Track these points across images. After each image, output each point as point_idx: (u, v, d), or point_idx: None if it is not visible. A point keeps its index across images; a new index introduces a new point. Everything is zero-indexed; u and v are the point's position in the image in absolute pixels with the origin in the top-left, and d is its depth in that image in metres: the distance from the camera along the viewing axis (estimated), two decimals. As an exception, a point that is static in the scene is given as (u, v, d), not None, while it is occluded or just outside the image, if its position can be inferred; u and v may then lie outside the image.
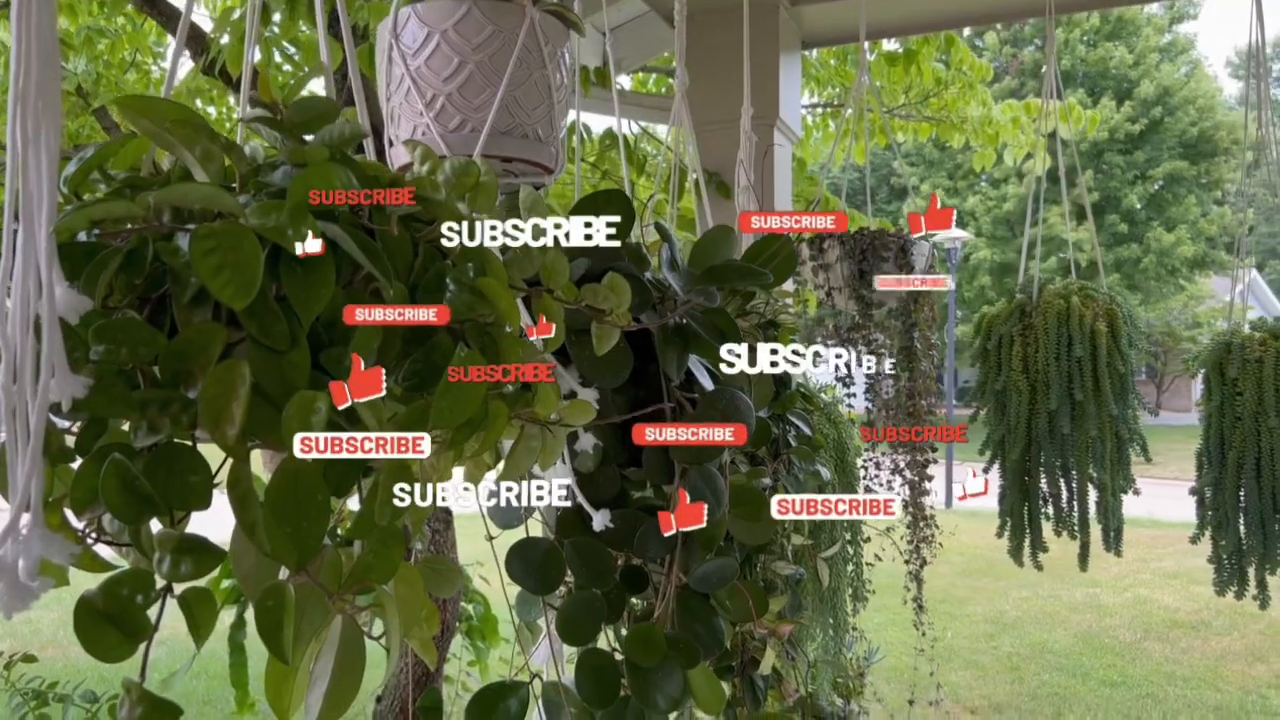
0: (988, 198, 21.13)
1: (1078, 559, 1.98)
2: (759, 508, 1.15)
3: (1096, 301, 1.89)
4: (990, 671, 5.08)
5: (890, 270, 1.91)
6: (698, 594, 1.02)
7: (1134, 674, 5.02)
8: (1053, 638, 5.71)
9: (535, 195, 0.75)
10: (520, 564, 0.92)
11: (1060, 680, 4.95)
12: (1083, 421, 1.83)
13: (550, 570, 0.93)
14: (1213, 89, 20.97)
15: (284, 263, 0.56)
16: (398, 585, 0.61)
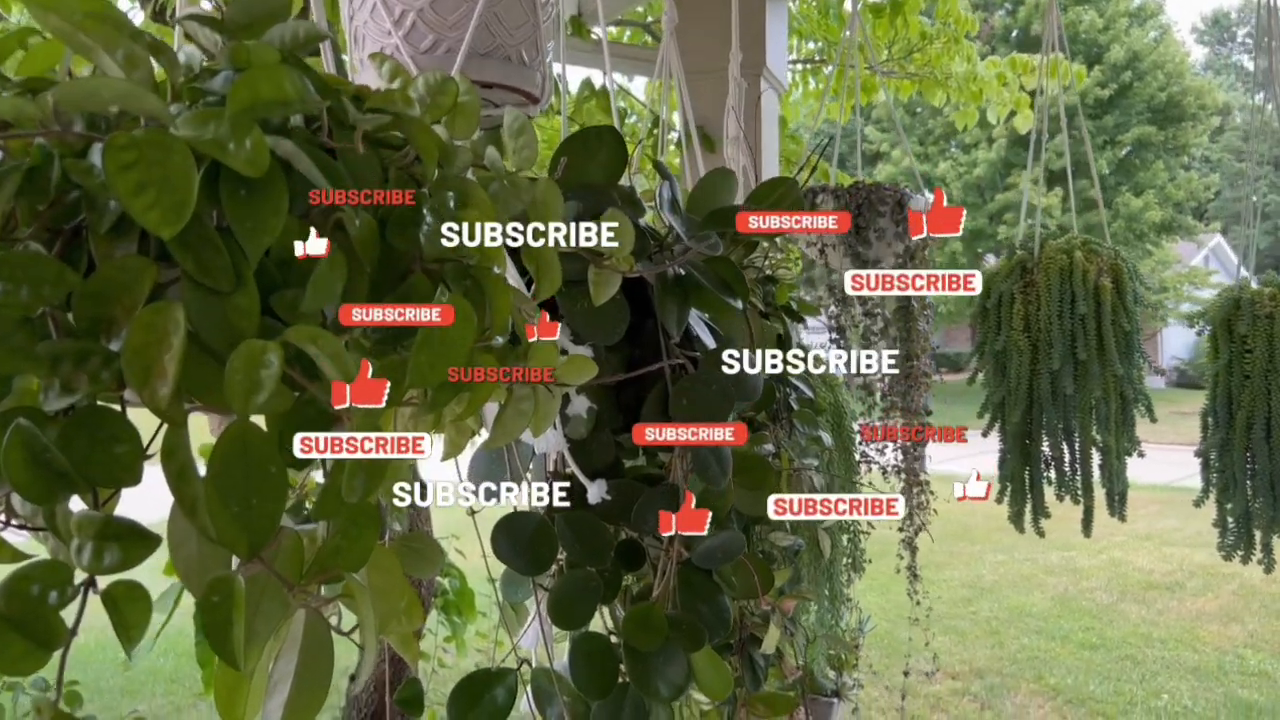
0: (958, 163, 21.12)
1: (1081, 524, 1.92)
2: (762, 476, 1.07)
3: (1100, 256, 1.81)
4: (970, 636, 5.07)
5: (886, 225, 1.82)
6: (701, 571, 0.93)
7: (1112, 636, 5.03)
8: (1030, 601, 5.72)
9: (521, 119, 0.65)
10: (508, 542, 0.83)
11: (1039, 644, 4.94)
12: (1086, 382, 1.76)
13: (542, 548, 0.84)
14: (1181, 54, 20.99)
15: (226, 184, 0.46)
16: (371, 573, 0.51)
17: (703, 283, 0.89)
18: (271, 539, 0.46)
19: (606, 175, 0.94)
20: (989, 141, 20.37)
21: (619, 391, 0.95)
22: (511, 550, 0.83)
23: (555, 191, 0.64)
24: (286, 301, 0.48)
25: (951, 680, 4.38)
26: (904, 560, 1.96)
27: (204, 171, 0.45)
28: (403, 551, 0.93)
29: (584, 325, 0.83)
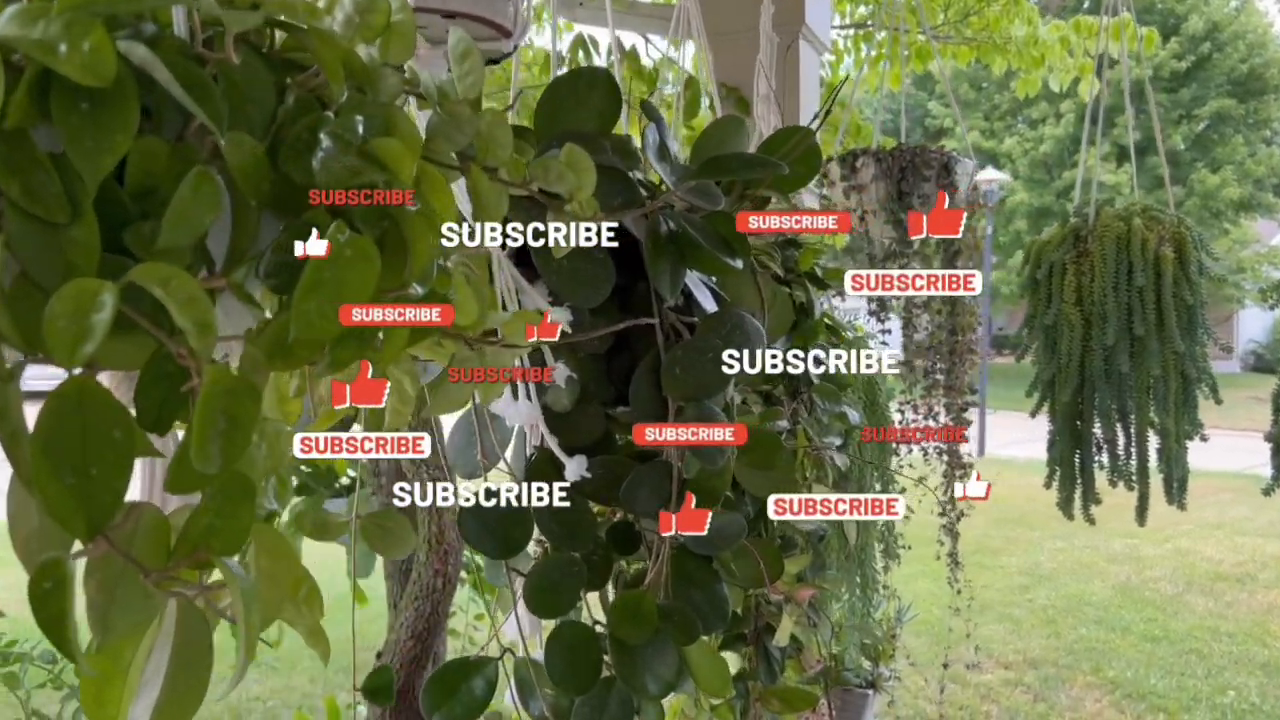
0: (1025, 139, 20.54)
1: (1135, 511, 1.80)
2: (772, 454, 0.98)
3: (1162, 224, 1.68)
4: (1025, 625, 4.92)
5: (931, 191, 1.71)
6: (697, 557, 0.85)
7: (1176, 628, 4.84)
8: (1090, 590, 5.53)
9: (466, 41, 0.57)
10: (475, 522, 0.76)
11: (1098, 634, 4.77)
12: (1143, 359, 1.63)
13: (514, 529, 0.77)
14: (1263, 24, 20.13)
15: (60, 96, 0.39)
16: (260, 557, 0.44)
17: (699, 241, 0.80)
18: (115, 515, 0.39)
19: (599, 123, 0.85)
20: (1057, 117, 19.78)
21: (609, 360, 0.87)
22: (480, 532, 0.76)
23: (503, 126, 0.56)
24: (142, 236, 0.40)
25: (1004, 670, 4.25)
26: (944, 547, 1.86)
27: (33, 80, 0.38)
28: (371, 529, 0.86)
29: (561, 283, 0.76)
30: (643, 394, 0.82)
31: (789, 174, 0.96)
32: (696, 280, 0.89)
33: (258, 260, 0.45)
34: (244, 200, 0.44)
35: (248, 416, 0.40)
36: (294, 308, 0.42)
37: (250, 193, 0.44)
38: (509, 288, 0.76)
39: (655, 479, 0.84)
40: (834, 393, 1.13)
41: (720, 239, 0.82)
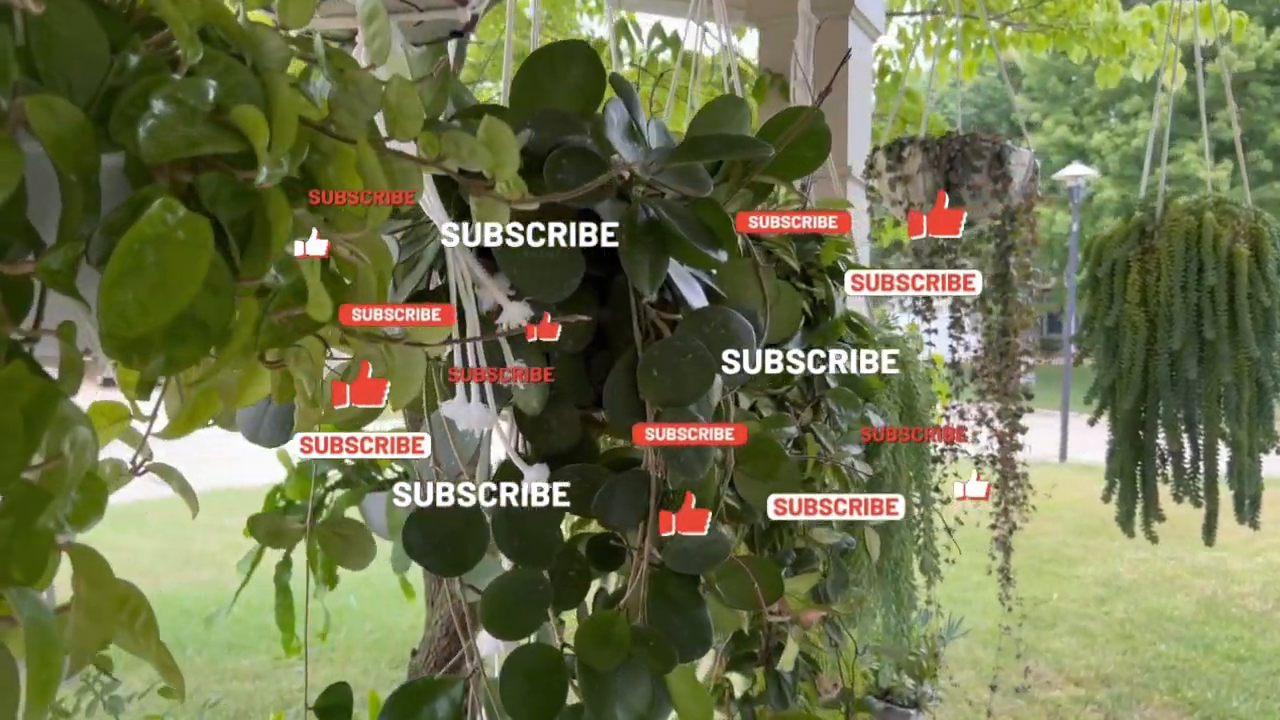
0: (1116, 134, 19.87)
1: (1203, 530, 1.66)
2: (773, 463, 0.90)
3: (1236, 219, 1.54)
4: (1100, 639, 4.71)
5: (983, 182, 1.60)
6: (678, 576, 0.78)
7: (1263, 648, 4.58)
8: (1171, 604, 5.28)
9: (374, 3, 0.50)
10: (420, 534, 0.69)
11: (1178, 651, 4.54)
12: (1213, 365, 1.50)
13: (465, 544, 0.70)
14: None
15: None
16: (76, 583, 0.39)
17: (678, 231, 0.73)
18: None
19: (580, 101, 0.79)
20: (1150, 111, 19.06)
21: (588, 359, 0.80)
22: (425, 545, 0.69)
23: (411, 97, 0.49)
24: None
25: (1074, 687, 4.06)
26: (996, 562, 1.74)
27: None
28: (328, 538, 0.81)
29: (523, 276, 0.69)
30: (617, 397, 0.75)
31: (793, 158, 0.88)
32: (686, 274, 0.81)
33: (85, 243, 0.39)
34: (66, 175, 0.38)
35: (34, 421, 0.35)
36: (102, 298, 0.36)
37: (69, 165, 0.38)
38: (464, 279, 0.69)
39: (631, 490, 0.77)
40: (851, 398, 1.04)
41: (703, 229, 0.74)
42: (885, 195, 1.70)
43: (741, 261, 0.91)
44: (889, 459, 1.34)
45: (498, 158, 0.51)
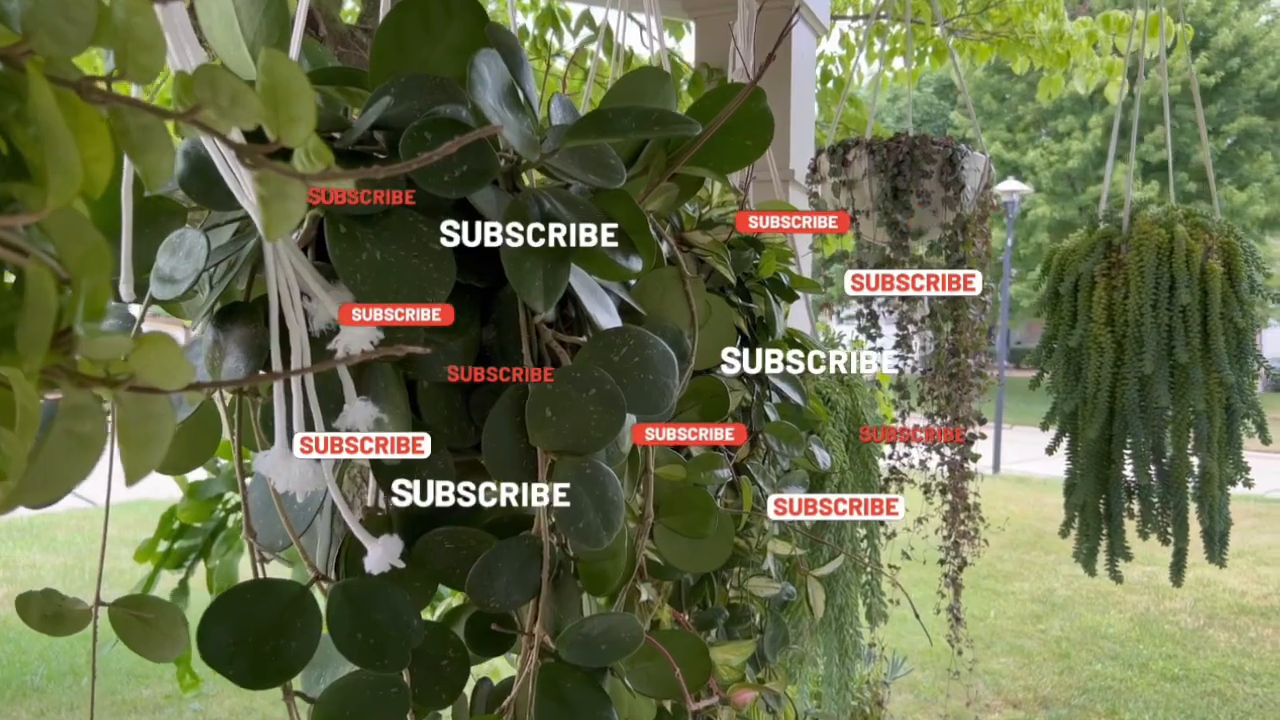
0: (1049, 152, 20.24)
1: (1171, 570, 1.55)
2: (702, 517, 0.74)
3: (1209, 233, 1.43)
4: (1037, 658, 4.64)
5: (933, 188, 1.47)
6: (576, 670, 0.61)
7: (1197, 667, 4.55)
8: (1106, 621, 5.25)
9: None
10: (229, 631, 0.52)
11: (1114, 671, 4.49)
12: (1185, 391, 1.38)
13: (286, 641, 0.53)
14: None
15: None
16: None
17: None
18: None
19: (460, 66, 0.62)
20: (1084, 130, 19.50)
21: (467, 394, 0.63)
22: (233, 647, 0.51)
23: (149, 21, 0.32)
24: None
25: (1013, 709, 3.98)
26: (945, 599, 1.61)
27: None
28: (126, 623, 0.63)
29: (367, 286, 0.52)
30: (499, 443, 0.59)
31: (728, 147, 0.72)
32: (594, 287, 0.65)
33: None
34: None
35: None
36: None
37: None
38: (289, 289, 0.52)
39: (518, 561, 0.60)
40: (793, 433, 0.89)
41: (615, 230, 0.58)
42: (829, 201, 1.56)
43: (665, 272, 0.75)
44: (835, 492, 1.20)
45: (281, 111, 0.34)
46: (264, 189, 0.36)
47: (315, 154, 0.36)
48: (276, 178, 0.36)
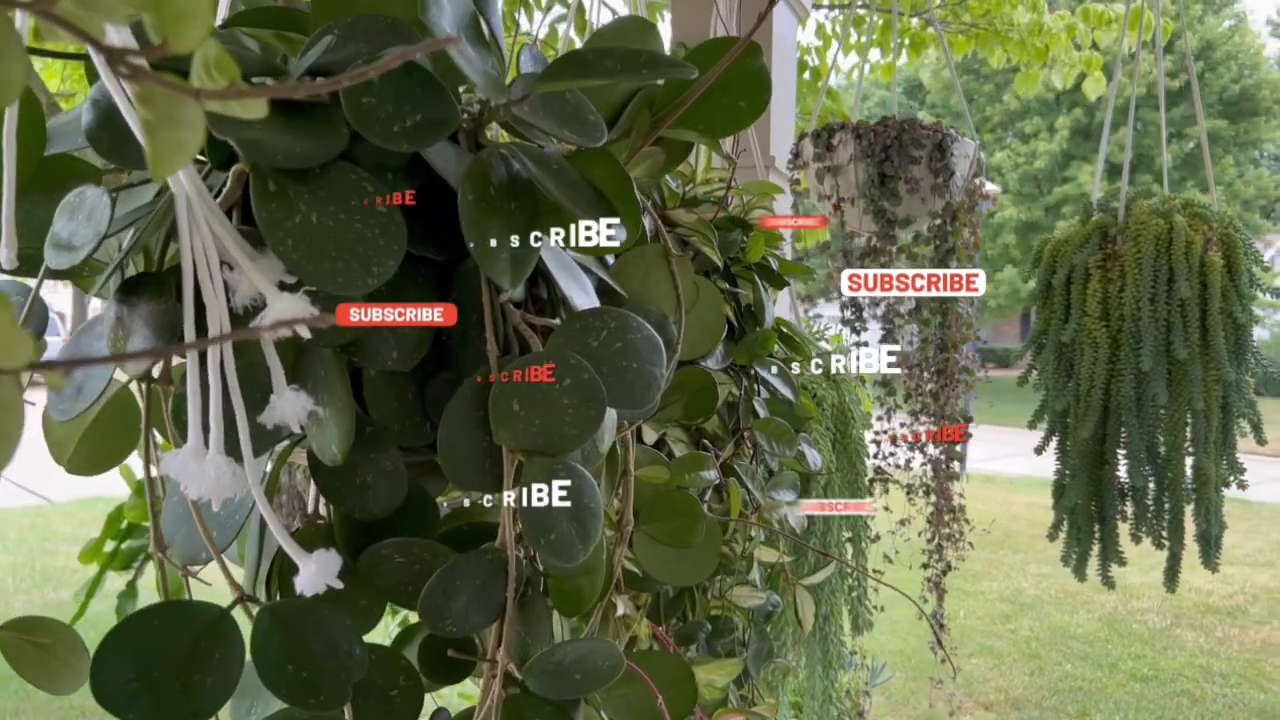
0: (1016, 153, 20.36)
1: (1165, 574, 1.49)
2: (688, 525, 0.67)
3: (1208, 224, 1.37)
4: (1007, 659, 4.61)
5: (922, 175, 1.40)
6: (546, 703, 0.53)
7: (1166, 667, 4.54)
8: (1075, 621, 5.24)
9: None
10: (130, 664, 0.43)
11: (1084, 671, 4.47)
12: (1183, 388, 1.32)
13: (201, 676, 0.44)
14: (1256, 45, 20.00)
15: None
16: None
17: (556, 196, 0.49)
18: None
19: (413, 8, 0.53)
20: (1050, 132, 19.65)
21: (424, 384, 0.55)
22: (135, 680, 0.43)
23: None
24: None
25: (984, 711, 3.94)
26: (928, 605, 1.54)
27: None
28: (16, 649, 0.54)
29: (299, 254, 0.44)
30: (458, 441, 0.51)
31: (721, 108, 0.64)
32: (569, 263, 0.57)
33: None
34: None
35: None
36: None
37: None
38: (205, 254, 0.44)
39: (479, 579, 0.52)
40: (785, 430, 0.81)
41: (592, 195, 0.50)
42: (812, 188, 1.49)
43: (649, 249, 0.67)
44: (821, 496, 1.12)
45: (166, 2, 0.26)
46: (148, 111, 0.28)
47: (216, 66, 0.28)
48: (163, 95, 0.27)
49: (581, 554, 0.50)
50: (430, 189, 0.51)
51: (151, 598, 1.63)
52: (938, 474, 1.50)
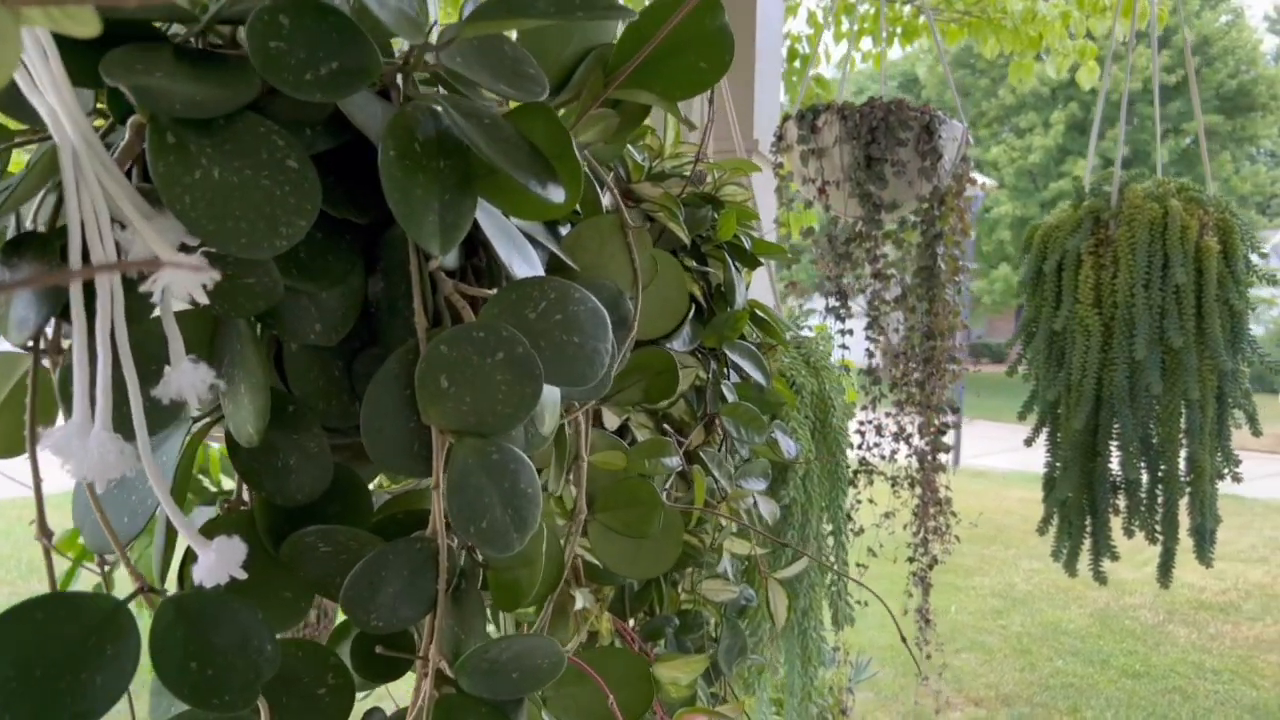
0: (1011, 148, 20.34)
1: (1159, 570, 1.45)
2: (646, 513, 0.63)
3: (1203, 208, 1.33)
4: (998, 654, 4.59)
5: (909, 158, 1.36)
6: (481, 704, 0.49)
7: (1158, 663, 4.52)
8: (1067, 617, 5.22)
9: None
10: (9, 662, 0.39)
11: (1075, 668, 4.45)
12: (1178, 378, 1.29)
13: (90, 674, 0.40)
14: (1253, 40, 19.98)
15: None
16: None
17: (488, 154, 0.45)
18: None
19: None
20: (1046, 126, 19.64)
21: (349, 359, 0.51)
22: (16, 679, 0.39)
23: None
24: None
25: (974, 708, 3.91)
26: (913, 599, 1.51)
27: None
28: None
29: (198, 213, 0.40)
30: (382, 418, 0.47)
31: (678, 68, 0.60)
32: (512, 231, 0.53)
33: None
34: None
35: None
36: None
37: None
38: (95, 213, 0.40)
39: (407, 570, 0.48)
40: (755, 416, 0.77)
41: (528, 153, 0.46)
42: (797, 172, 1.45)
43: (604, 220, 0.63)
44: (798, 488, 1.09)
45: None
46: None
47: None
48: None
49: (517, 543, 0.46)
50: (356, 147, 0.47)
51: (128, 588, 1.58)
52: (923, 465, 1.47)
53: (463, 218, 0.46)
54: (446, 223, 0.46)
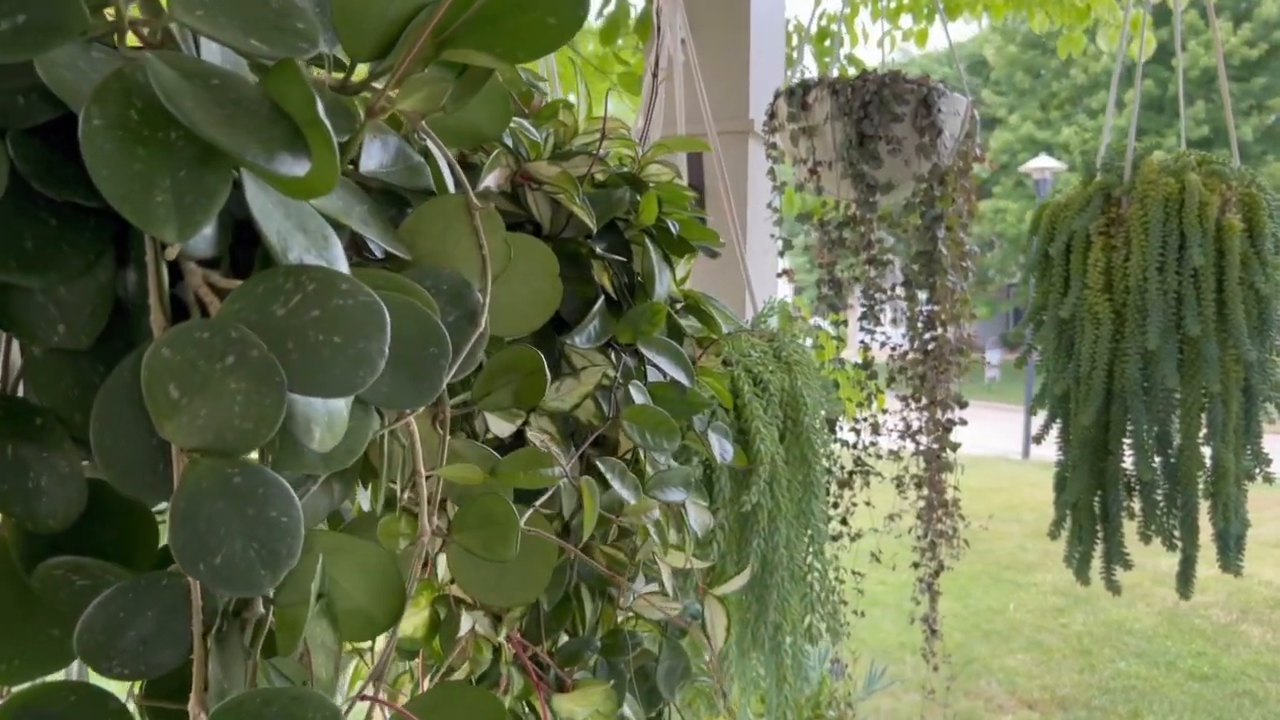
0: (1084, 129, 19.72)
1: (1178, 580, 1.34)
2: (498, 534, 0.55)
3: (1226, 183, 1.20)
4: (1056, 655, 4.41)
5: (905, 134, 1.26)
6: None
7: (1228, 665, 4.30)
8: (1132, 615, 5.00)
9: None
10: None
11: (1139, 669, 4.26)
12: (1197, 369, 1.17)
13: None
14: (1343, 11, 19.01)
15: None
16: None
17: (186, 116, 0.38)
18: None
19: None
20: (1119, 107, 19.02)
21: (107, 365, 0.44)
22: None
23: None
24: None
25: (1027, 710, 3.76)
26: (920, 606, 1.40)
27: None
28: None
29: None
30: (115, 435, 0.40)
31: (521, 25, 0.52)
32: (302, 211, 0.46)
33: None
34: None
35: None
36: None
37: None
38: None
39: (156, 609, 0.42)
40: (662, 421, 0.69)
41: (263, 121, 0.39)
42: (787, 152, 1.35)
43: (449, 200, 0.55)
44: (764, 493, 1.00)
45: None
46: None
47: None
48: None
49: (267, 581, 0.39)
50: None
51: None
52: (929, 464, 1.36)
53: (211, 197, 0.39)
54: (185, 203, 0.39)
